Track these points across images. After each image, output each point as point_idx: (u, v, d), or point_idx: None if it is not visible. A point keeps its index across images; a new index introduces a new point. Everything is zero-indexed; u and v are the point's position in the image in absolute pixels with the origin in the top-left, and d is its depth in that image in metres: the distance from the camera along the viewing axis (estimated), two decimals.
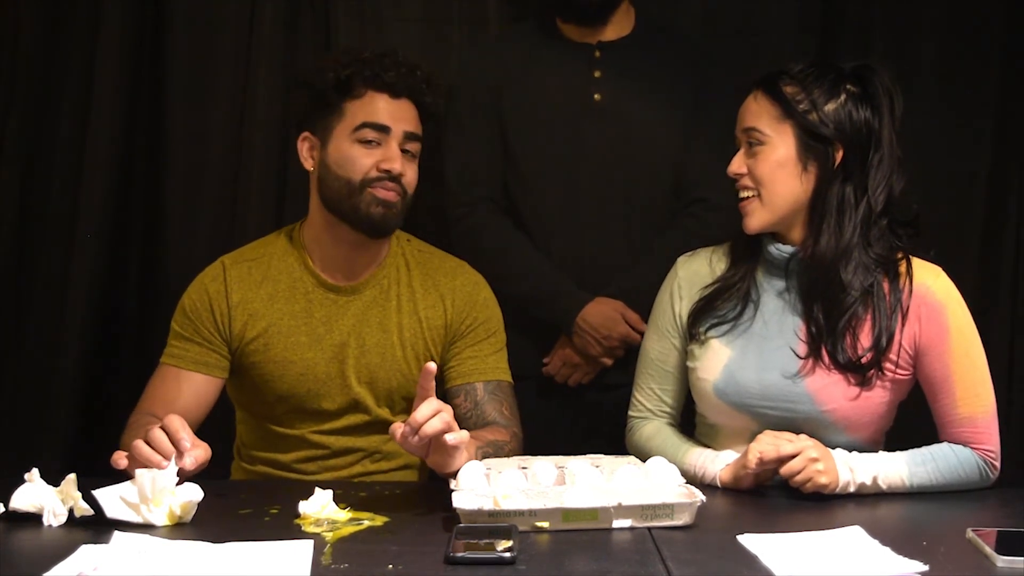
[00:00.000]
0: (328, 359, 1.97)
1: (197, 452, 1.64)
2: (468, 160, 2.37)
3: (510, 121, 2.35)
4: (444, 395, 2.05)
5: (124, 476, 1.67)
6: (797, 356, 1.85)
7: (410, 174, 1.95)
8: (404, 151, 1.94)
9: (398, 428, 1.62)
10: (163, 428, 1.64)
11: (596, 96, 2.32)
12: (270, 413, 2.00)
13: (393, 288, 2.02)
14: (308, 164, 1.98)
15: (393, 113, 1.93)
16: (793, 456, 1.73)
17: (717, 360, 1.89)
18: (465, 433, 1.66)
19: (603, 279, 2.32)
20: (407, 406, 2.00)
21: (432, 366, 1.67)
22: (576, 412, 2.37)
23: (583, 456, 1.79)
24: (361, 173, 1.91)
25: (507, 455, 1.88)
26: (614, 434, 2.13)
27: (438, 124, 2.25)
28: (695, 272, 1.98)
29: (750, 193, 1.86)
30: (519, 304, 2.31)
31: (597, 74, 2.33)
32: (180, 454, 1.62)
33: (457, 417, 1.94)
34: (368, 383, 1.98)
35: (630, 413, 2.04)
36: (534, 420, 2.21)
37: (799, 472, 1.73)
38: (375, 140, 1.92)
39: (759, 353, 1.87)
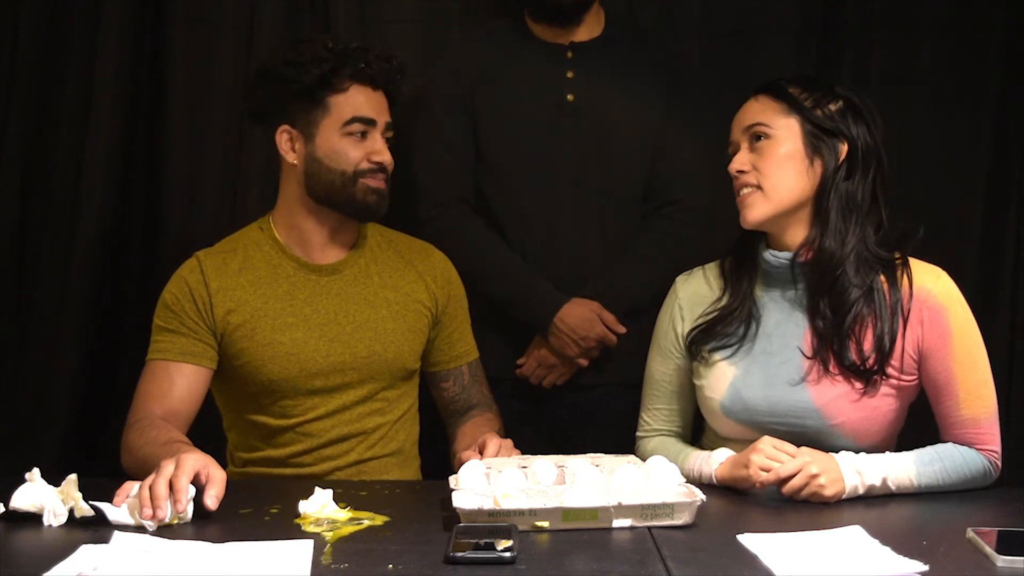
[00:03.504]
0: (317, 337, 1.99)
1: (218, 490, 1.60)
2: (441, 161, 2.36)
3: (483, 121, 2.35)
4: (424, 376, 2.15)
5: (125, 476, 1.67)
6: (804, 356, 1.84)
7: (391, 160, 2.02)
8: (384, 139, 2.02)
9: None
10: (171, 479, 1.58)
11: (569, 96, 2.32)
12: (260, 405, 2.01)
13: (372, 266, 2.07)
14: (291, 157, 2.00)
15: (375, 106, 2.00)
16: (794, 475, 1.72)
17: (723, 378, 1.89)
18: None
19: (577, 280, 2.32)
20: (392, 381, 2.04)
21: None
22: (551, 413, 2.37)
23: (583, 455, 1.79)
24: (353, 165, 1.97)
25: None
26: (588, 435, 2.13)
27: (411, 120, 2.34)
28: (695, 292, 1.98)
29: (752, 188, 1.86)
30: (494, 305, 2.31)
31: (570, 75, 2.32)
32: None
33: (445, 401, 2.12)
34: (366, 357, 2.01)
35: (637, 433, 2.04)
36: (508, 421, 2.21)
37: (801, 490, 1.72)
38: (362, 132, 1.98)
39: (763, 369, 1.87)
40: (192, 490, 1.58)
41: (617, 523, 1.55)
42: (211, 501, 1.58)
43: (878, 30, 2.52)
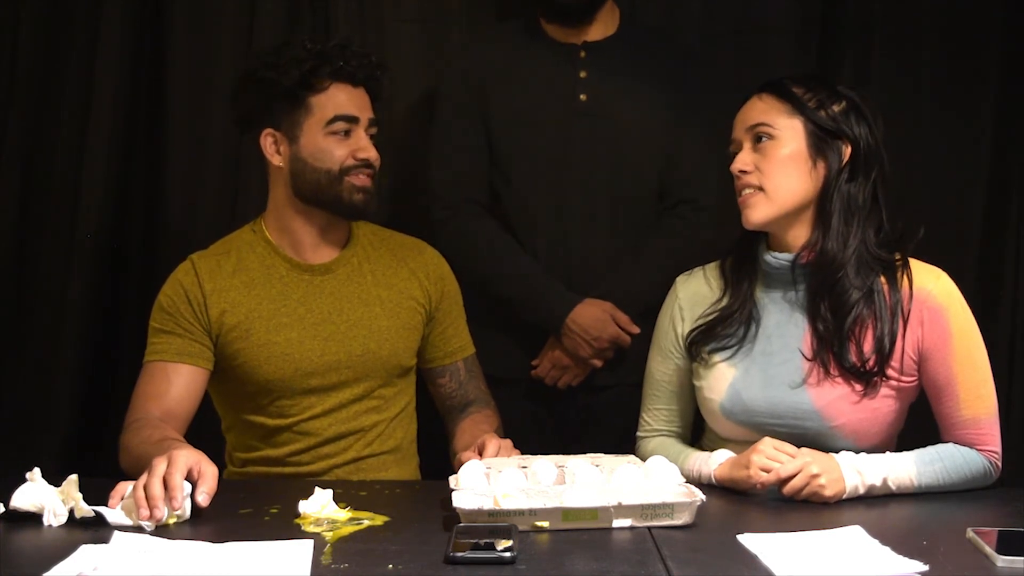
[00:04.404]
0: (311, 336, 2.00)
1: (209, 486, 1.60)
2: (452, 162, 2.35)
3: (495, 122, 2.34)
4: (421, 373, 2.15)
5: (124, 477, 1.67)
6: (805, 358, 1.84)
7: (377, 156, 2.03)
8: (369, 136, 2.03)
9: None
10: (166, 478, 1.57)
11: (582, 96, 2.31)
12: (257, 406, 2.01)
13: (364, 265, 2.08)
14: (277, 160, 2.02)
15: (357, 103, 2.01)
16: (794, 475, 1.72)
17: (722, 379, 1.89)
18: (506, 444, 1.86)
19: (590, 280, 2.32)
20: (388, 378, 2.05)
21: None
22: (565, 414, 2.36)
23: (583, 455, 1.79)
24: (339, 163, 1.99)
25: None
26: (604, 436, 2.13)
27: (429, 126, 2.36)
28: (695, 292, 1.98)
29: (754, 189, 1.85)
30: (507, 306, 2.31)
31: (583, 74, 2.32)
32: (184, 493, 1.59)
33: (442, 397, 2.13)
34: (360, 355, 2.02)
35: (638, 433, 2.03)
36: (523, 422, 2.21)
37: (802, 490, 1.72)
38: (345, 130, 1.99)
39: (763, 370, 1.86)
40: (187, 487, 1.58)
41: (617, 523, 1.55)
42: (202, 498, 1.58)
43: (878, 30, 2.51)
